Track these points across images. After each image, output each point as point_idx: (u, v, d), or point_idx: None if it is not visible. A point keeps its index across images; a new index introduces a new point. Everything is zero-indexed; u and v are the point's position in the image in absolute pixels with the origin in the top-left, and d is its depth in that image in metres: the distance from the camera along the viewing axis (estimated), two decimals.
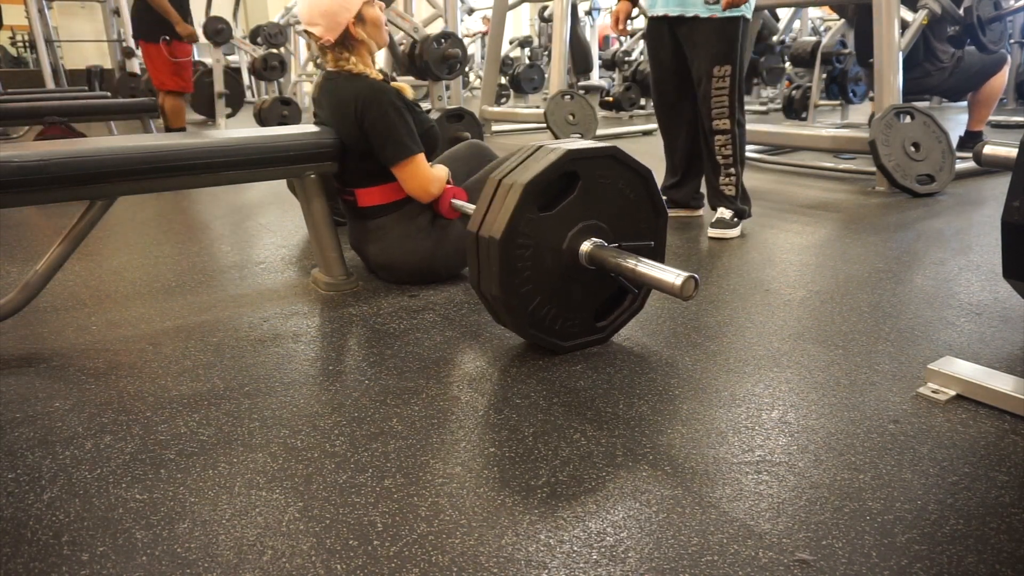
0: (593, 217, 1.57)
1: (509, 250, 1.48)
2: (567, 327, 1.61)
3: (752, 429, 1.29)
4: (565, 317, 1.60)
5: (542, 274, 1.54)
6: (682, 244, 2.57)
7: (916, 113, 3.31)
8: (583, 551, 0.98)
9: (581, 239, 1.56)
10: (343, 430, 1.31)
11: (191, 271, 2.34)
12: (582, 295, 1.61)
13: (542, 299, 1.56)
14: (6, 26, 8.72)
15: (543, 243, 1.53)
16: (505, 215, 1.47)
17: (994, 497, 1.08)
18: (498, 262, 1.47)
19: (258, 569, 0.96)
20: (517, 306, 1.53)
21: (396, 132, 1.93)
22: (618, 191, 1.61)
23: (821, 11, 9.14)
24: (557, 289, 1.57)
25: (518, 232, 1.48)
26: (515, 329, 1.61)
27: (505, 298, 1.51)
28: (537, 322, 1.57)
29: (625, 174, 1.61)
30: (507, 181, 1.51)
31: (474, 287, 1.61)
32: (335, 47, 1.98)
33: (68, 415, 1.39)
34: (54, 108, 4.11)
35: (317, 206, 2.04)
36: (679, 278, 1.40)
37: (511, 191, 1.48)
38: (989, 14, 3.83)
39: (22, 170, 1.57)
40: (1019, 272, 1.42)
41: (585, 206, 1.56)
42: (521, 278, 1.51)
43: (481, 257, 1.53)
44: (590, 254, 1.55)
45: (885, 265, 2.23)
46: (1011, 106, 7.04)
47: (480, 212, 1.54)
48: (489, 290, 1.54)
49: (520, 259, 1.50)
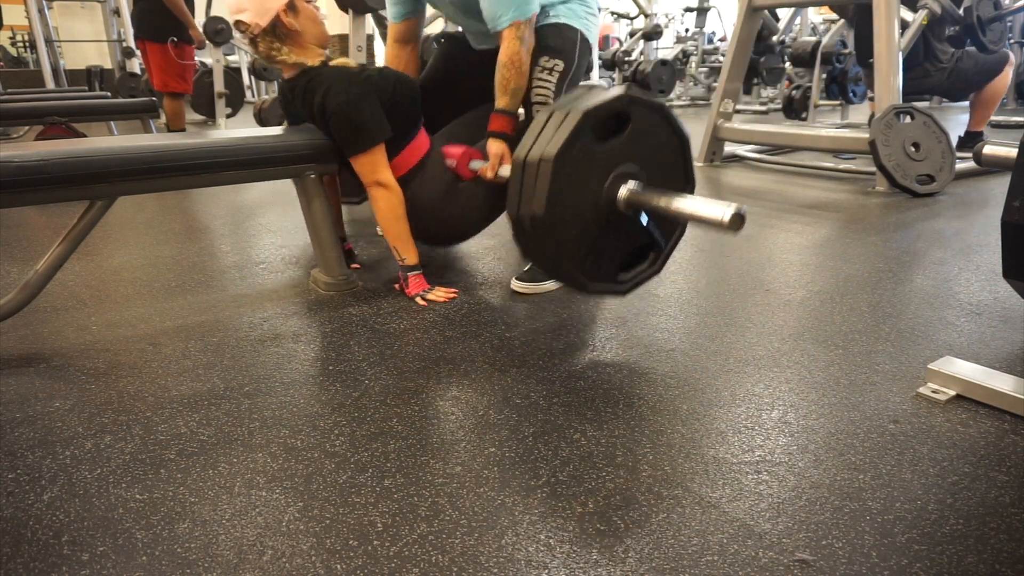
0: (635, 163, 1.56)
1: (561, 170, 1.44)
2: (595, 268, 1.59)
3: (752, 429, 1.29)
4: (596, 257, 1.58)
5: (583, 208, 1.52)
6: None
7: (916, 113, 3.31)
8: (583, 551, 0.98)
9: (622, 182, 1.55)
10: (343, 430, 1.31)
11: (191, 271, 2.34)
12: (613, 240, 1.60)
13: (578, 232, 1.53)
14: (6, 26, 8.73)
15: (589, 176, 1.50)
16: (561, 136, 1.44)
17: (994, 497, 1.08)
18: (548, 180, 1.44)
19: (258, 569, 0.96)
20: (555, 232, 1.50)
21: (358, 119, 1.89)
22: (660, 147, 1.60)
23: (821, 11, 9.13)
24: (593, 227, 1.55)
25: (571, 156, 1.45)
26: (547, 259, 1.57)
27: (546, 220, 1.47)
28: (571, 254, 1.54)
29: (668, 133, 1.60)
30: (564, 109, 1.49)
31: (511, 214, 1.57)
32: (266, 35, 1.91)
33: (68, 415, 1.39)
34: (54, 108, 4.11)
35: (317, 206, 2.03)
36: (727, 212, 1.38)
37: (569, 116, 1.46)
38: (989, 14, 3.83)
39: (22, 170, 1.57)
40: (1019, 272, 1.42)
41: (630, 151, 1.55)
42: (563, 205, 1.48)
43: (526, 179, 1.50)
44: (629, 196, 1.54)
45: (885, 265, 2.23)
46: (1011, 106, 7.03)
47: (531, 137, 1.52)
48: (530, 212, 1.50)
49: (566, 184, 1.47)
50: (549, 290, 2.06)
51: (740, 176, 3.99)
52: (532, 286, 2.05)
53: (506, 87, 1.95)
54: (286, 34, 1.93)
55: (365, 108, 1.90)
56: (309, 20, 1.95)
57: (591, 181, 1.52)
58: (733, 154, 4.49)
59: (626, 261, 1.68)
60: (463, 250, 2.56)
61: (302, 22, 1.94)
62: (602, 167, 1.53)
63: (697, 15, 9.72)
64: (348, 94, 1.88)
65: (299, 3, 1.93)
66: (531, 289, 2.05)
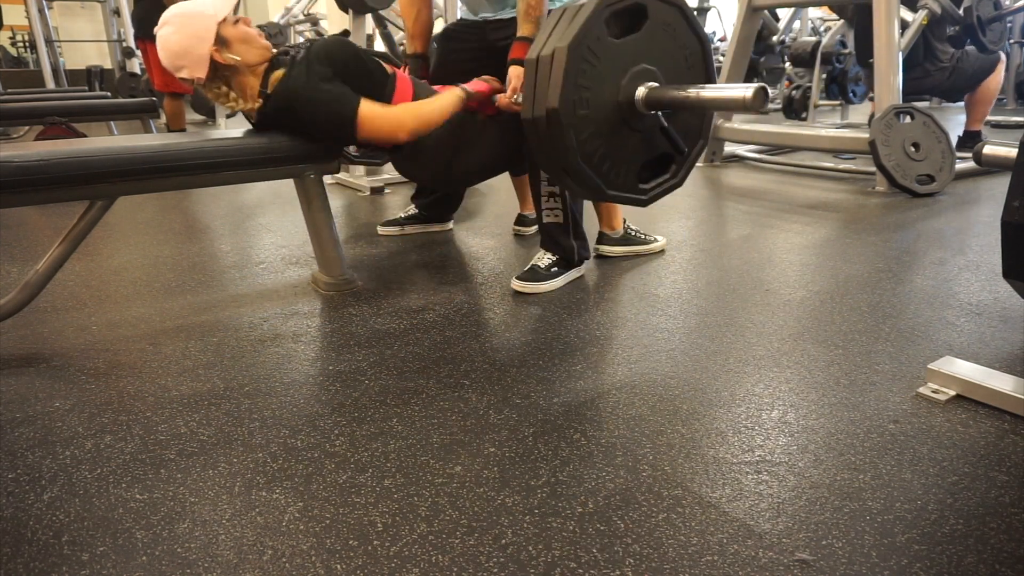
0: (654, 64, 1.52)
1: (575, 61, 1.39)
2: (612, 174, 1.54)
3: (752, 429, 1.29)
4: (613, 162, 1.53)
5: (599, 107, 1.47)
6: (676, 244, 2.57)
7: (916, 113, 3.31)
8: (583, 552, 0.98)
9: (640, 81, 1.50)
10: (343, 430, 1.31)
11: (191, 271, 2.34)
12: (631, 146, 1.55)
13: (595, 132, 1.48)
14: (6, 26, 8.72)
15: (605, 73, 1.45)
16: (575, 27, 1.39)
17: (994, 497, 1.08)
18: (562, 70, 1.39)
19: (258, 569, 0.96)
20: (573, 129, 1.44)
21: (328, 109, 1.81)
22: (678, 48, 1.55)
23: (821, 11, 9.14)
24: (610, 129, 1.50)
25: (585, 46, 1.40)
26: (562, 161, 1.49)
27: (564, 115, 1.41)
28: (587, 156, 1.49)
29: (687, 34, 1.56)
30: (576, 4, 1.46)
31: (526, 117, 1.52)
32: (211, 82, 1.84)
33: (68, 415, 1.39)
34: (54, 108, 4.11)
35: (317, 206, 2.03)
36: (748, 91, 1.36)
37: (583, 7, 1.42)
38: (989, 14, 3.84)
39: (22, 170, 1.57)
40: (1019, 272, 1.41)
41: (647, 50, 1.50)
42: (580, 98, 1.43)
43: (540, 76, 1.44)
44: (648, 95, 1.49)
45: (885, 265, 2.23)
46: (1011, 106, 7.03)
47: (544, 34, 1.48)
48: (545, 107, 1.43)
49: (582, 76, 1.42)
50: (549, 289, 2.06)
51: (740, 176, 3.99)
52: (532, 285, 2.05)
53: (531, 15, 1.89)
54: (227, 76, 1.85)
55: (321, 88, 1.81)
56: (243, 44, 1.83)
57: (608, 78, 1.46)
58: (733, 154, 4.49)
59: (646, 173, 1.63)
60: (463, 250, 2.56)
61: (237, 49, 1.82)
62: (619, 64, 1.47)
63: (697, 15, 9.72)
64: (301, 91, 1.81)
65: (226, 32, 1.81)
66: (531, 288, 2.05)
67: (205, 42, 1.78)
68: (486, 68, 2.06)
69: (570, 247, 2.10)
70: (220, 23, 1.80)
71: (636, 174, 1.60)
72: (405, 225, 2.76)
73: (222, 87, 1.87)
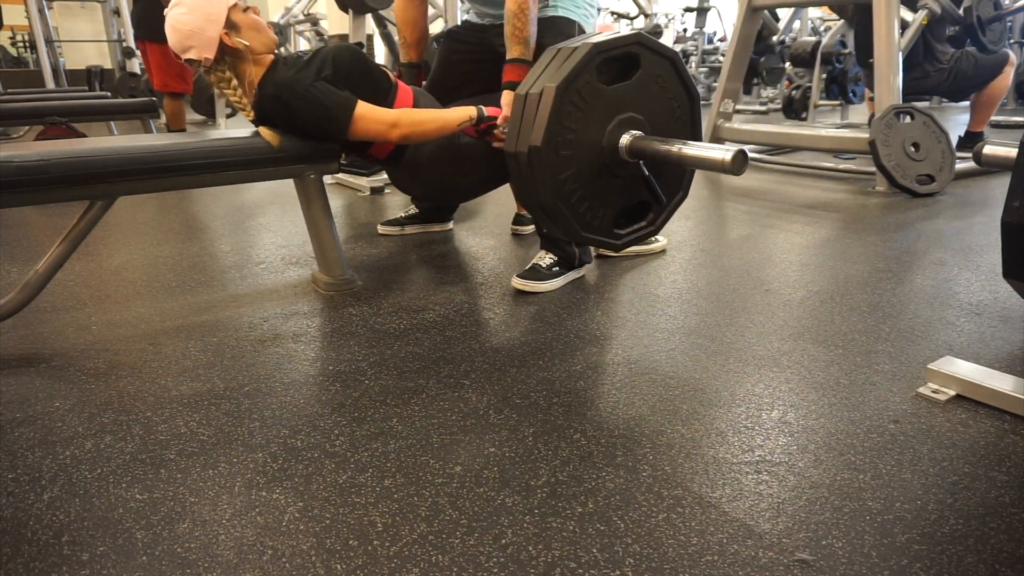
0: (641, 113, 1.53)
1: (563, 102, 1.40)
2: (589, 216, 1.55)
3: (752, 429, 1.29)
4: (591, 204, 1.54)
5: (583, 149, 1.48)
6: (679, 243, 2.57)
7: (916, 113, 3.31)
8: (583, 552, 0.98)
9: (625, 129, 1.51)
10: (343, 430, 1.31)
11: (191, 271, 2.34)
12: (612, 190, 1.56)
13: (575, 174, 1.49)
14: (6, 26, 8.73)
15: (591, 117, 1.46)
16: (566, 69, 1.40)
17: (994, 497, 1.08)
18: (548, 111, 1.40)
19: (258, 569, 0.96)
20: (553, 169, 1.45)
21: (320, 103, 1.84)
22: (667, 100, 1.56)
23: (821, 11, 9.14)
24: (591, 173, 1.52)
25: (575, 89, 1.41)
26: (539, 197, 1.51)
27: (545, 154, 1.43)
28: (565, 195, 1.50)
29: (677, 86, 1.57)
30: (571, 46, 1.46)
31: (509, 151, 1.53)
32: (218, 64, 1.85)
33: (68, 415, 1.39)
34: (54, 108, 4.11)
35: (317, 206, 2.03)
36: (728, 153, 1.37)
37: (576, 51, 1.42)
38: (989, 14, 3.83)
39: (22, 170, 1.57)
40: (1019, 272, 1.41)
41: (635, 99, 1.51)
42: (563, 139, 1.44)
43: (526, 113, 1.46)
44: (632, 144, 1.50)
45: (885, 265, 2.23)
46: (1011, 106, 7.03)
47: (535, 73, 1.49)
48: (528, 144, 1.45)
49: (568, 119, 1.43)
50: (550, 289, 2.06)
51: (740, 176, 3.99)
52: (533, 284, 2.05)
53: (518, 36, 1.91)
54: (233, 60, 1.87)
55: (319, 84, 1.84)
56: (252, 31, 1.88)
57: (594, 123, 1.48)
58: None
59: (622, 219, 1.64)
60: (463, 250, 2.56)
61: (246, 35, 1.86)
62: (606, 110, 1.48)
63: (697, 15, 9.72)
64: (294, 83, 1.84)
65: (236, 17, 1.84)
66: (532, 287, 2.04)
67: (216, 24, 1.81)
68: (486, 70, 2.08)
69: (572, 253, 2.12)
70: (231, 7, 1.84)
71: (612, 219, 1.63)
72: (405, 225, 2.76)
73: (226, 72, 1.89)
